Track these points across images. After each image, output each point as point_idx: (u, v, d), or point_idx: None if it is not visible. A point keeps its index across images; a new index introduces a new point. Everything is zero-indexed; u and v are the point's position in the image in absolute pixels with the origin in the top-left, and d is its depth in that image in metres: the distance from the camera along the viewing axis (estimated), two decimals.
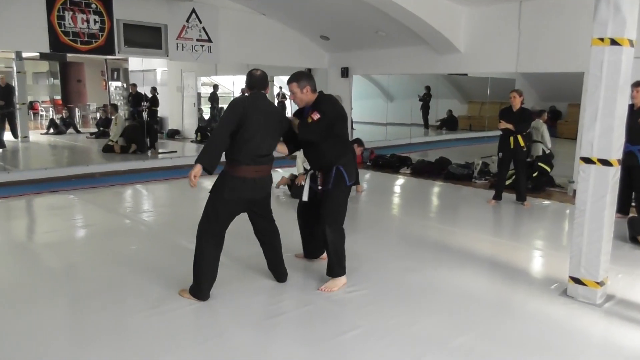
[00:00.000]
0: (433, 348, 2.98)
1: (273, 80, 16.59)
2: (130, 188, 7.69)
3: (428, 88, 13.99)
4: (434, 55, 9.03)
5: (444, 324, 3.31)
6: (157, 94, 13.15)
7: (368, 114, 14.30)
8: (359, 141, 8.30)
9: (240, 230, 5.42)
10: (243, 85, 15.25)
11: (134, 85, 13.78)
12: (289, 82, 3.83)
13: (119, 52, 8.12)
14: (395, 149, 11.18)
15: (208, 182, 8.13)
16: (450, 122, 15.15)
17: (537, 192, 7.48)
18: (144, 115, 13.25)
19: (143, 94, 13.36)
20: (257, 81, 3.72)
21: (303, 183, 6.85)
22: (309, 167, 6.87)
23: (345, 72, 10.73)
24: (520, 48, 7.86)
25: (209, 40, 9.10)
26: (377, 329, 3.20)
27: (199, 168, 3.45)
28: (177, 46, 8.72)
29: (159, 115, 14.78)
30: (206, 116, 15.08)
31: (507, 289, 3.93)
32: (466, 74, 12.08)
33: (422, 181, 8.63)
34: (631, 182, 5.95)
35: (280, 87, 16.66)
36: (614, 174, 3.57)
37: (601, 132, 3.53)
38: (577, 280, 3.74)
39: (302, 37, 10.53)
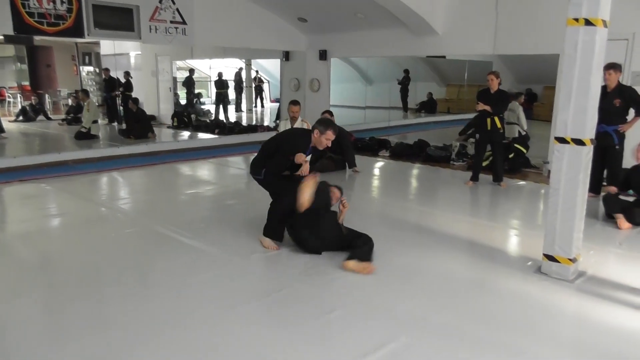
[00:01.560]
0: (413, 328, 3.01)
1: (250, 64, 16.41)
2: (105, 175, 7.55)
3: (407, 71, 14.00)
4: (412, 38, 9.01)
5: (424, 304, 3.34)
6: (131, 78, 12.86)
7: (347, 97, 14.26)
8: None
9: (224, 219, 5.43)
10: (220, 69, 15.14)
11: (107, 70, 13.49)
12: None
13: (88, 35, 7.89)
14: (374, 132, 11.19)
15: (186, 168, 8.04)
16: (429, 105, 15.21)
17: (513, 173, 7.58)
18: (117, 101, 13.03)
19: (116, 78, 13.08)
20: None
21: None
22: None
23: (323, 55, 10.65)
24: (497, 30, 7.90)
25: (184, 22, 8.92)
26: (358, 310, 3.23)
27: None
28: (150, 28, 8.52)
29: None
30: (183, 101, 14.86)
31: (485, 268, 3.99)
32: (444, 57, 12.11)
33: (401, 164, 8.67)
34: (605, 162, 6.05)
35: (257, 71, 16.48)
36: (587, 153, 3.64)
37: (575, 112, 3.58)
38: (550, 258, 3.81)
39: (279, 20, 10.39)
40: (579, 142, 3.59)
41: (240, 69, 15.26)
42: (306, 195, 4.04)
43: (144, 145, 9.47)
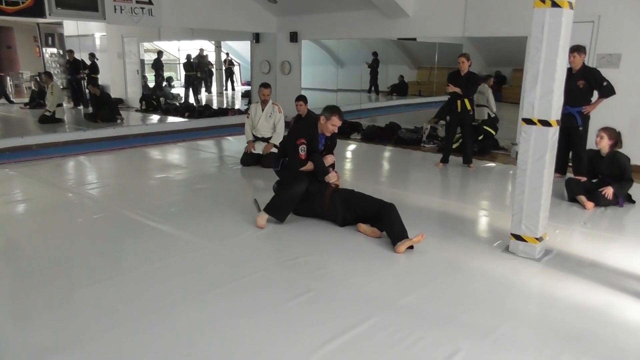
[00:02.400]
0: (382, 307, 3.04)
1: (220, 46, 16.13)
2: (71, 160, 7.35)
3: (375, 54, 13.98)
4: (383, 20, 8.99)
5: (393, 284, 3.38)
6: (97, 60, 12.50)
7: (319, 80, 14.18)
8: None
9: (194, 203, 5.37)
10: (189, 51, 14.84)
11: (71, 52, 13.06)
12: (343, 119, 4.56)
13: (50, 15, 7.62)
14: (346, 115, 11.15)
15: (155, 152, 7.86)
16: (400, 88, 15.26)
17: (482, 155, 7.69)
18: (83, 84, 12.66)
19: (81, 60, 12.69)
20: None
21: (253, 150, 6.81)
22: (258, 135, 6.82)
23: (294, 37, 10.54)
24: (467, 12, 7.94)
25: (150, 3, 8.69)
26: (328, 291, 3.24)
27: None
28: (115, 9, 8.28)
29: (100, 83, 14.16)
30: (151, 84, 14.54)
31: (453, 249, 4.04)
32: (415, 39, 12.12)
33: (372, 146, 8.71)
34: (569, 143, 6.18)
35: (227, 54, 16.21)
36: (553, 134, 3.70)
37: (542, 94, 3.63)
38: (518, 237, 3.89)
39: (249, 1, 10.22)
40: (546, 123, 3.66)
41: (201, 49, 14.91)
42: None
43: (111, 129, 9.27)
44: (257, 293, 3.20)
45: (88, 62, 12.69)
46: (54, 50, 14.91)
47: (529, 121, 3.72)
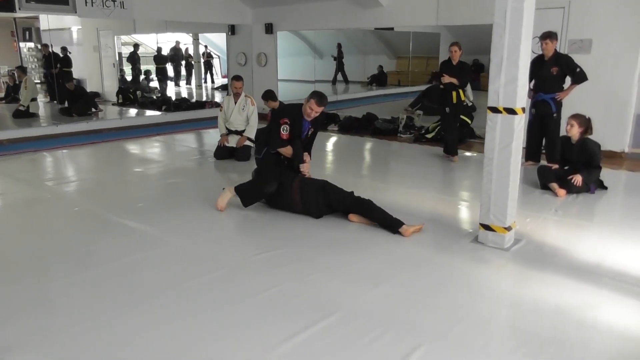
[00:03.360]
0: (345, 303, 2.98)
1: (198, 39, 15.92)
2: (43, 155, 7.19)
3: (339, 45, 13.93)
4: (358, 10, 8.92)
5: (359, 278, 3.32)
6: (69, 53, 12.26)
7: (297, 71, 14.08)
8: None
9: (168, 198, 5.26)
10: (168, 43, 14.64)
11: (45, 46, 12.82)
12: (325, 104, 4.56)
13: (20, 9, 7.46)
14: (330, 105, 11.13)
15: (130, 146, 7.69)
16: (379, 78, 15.21)
17: (458, 144, 7.66)
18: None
19: (54, 54, 12.44)
20: None
21: (227, 143, 6.72)
22: (232, 128, 6.73)
23: (269, 29, 10.42)
24: (440, 1, 7.89)
25: None
26: (292, 287, 3.18)
27: None
28: (86, 2, 8.09)
29: (76, 77, 13.92)
30: (129, 78, 14.31)
31: (425, 241, 4.00)
32: (392, 29, 12.08)
33: (349, 137, 8.67)
34: (543, 130, 6.19)
35: (206, 46, 16.01)
36: (519, 122, 3.67)
37: (506, 82, 3.59)
38: (486, 227, 3.88)
39: None
40: (511, 111, 3.62)
41: (177, 42, 14.74)
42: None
43: (84, 123, 9.09)
44: (217, 291, 3.13)
45: (61, 56, 12.39)
46: (32, 44, 14.66)
47: (494, 109, 3.69)
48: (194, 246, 3.86)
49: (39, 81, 13.26)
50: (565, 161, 5.44)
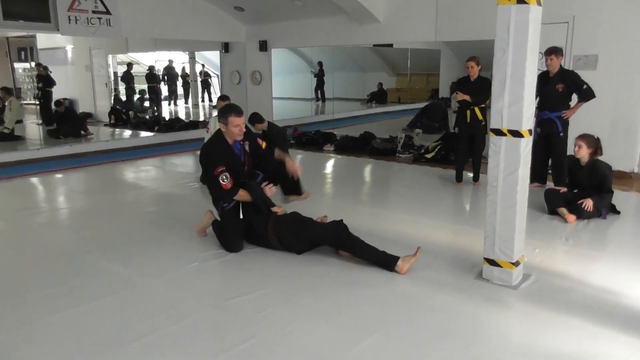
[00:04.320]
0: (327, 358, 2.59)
1: (194, 57, 15.69)
2: (16, 182, 6.81)
3: (320, 64, 13.67)
4: (354, 26, 8.63)
5: (345, 328, 2.91)
6: (50, 72, 11.97)
7: (295, 89, 13.83)
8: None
9: (140, 230, 4.83)
10: (164, 62, 14.43)
11: (38, 65, 12.60)
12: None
13: None
14: (324, 124, 10.83)
15: (111, 171, 7.31)
16: (379, 96, 14.93)
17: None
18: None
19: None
20: None
21: None
22: None
23: (263, 46, 10.13)
24: (438, 16, 7.59)
25: (108, 12, 8.23)
26: (268, 340, 2.77)
27: None
28: (70, 19, 7.80)
29: (67, 97, 13.65)
30: (123, 97, 14.04)
31: (424, 277, 3.59)
32: (391, 45, 11.82)
33: (346, 158, 8.29)
34: (550, 150, 5.82)
35: (203, 65, 15.77)
36: (525, 145, 3.29)
37: (510, 102, 3.23)
38: (491, 262, 3.48)
39: (215, 9, 9.80)
40: (516, 133, 3.26)
41: (170, 61, 14.54)
42: None
43: (68, 146, 8.72)
44: (183, 345, 2.73)
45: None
46: (27, 65, 14.41)
47: (497, 132, 3.32)
48: (162, 288, 3.45)
49: (33, 102, 13.01)
50: (575, 184, 5.06)
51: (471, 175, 6.34)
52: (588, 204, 4.68)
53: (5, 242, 4.48)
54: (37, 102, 12.72)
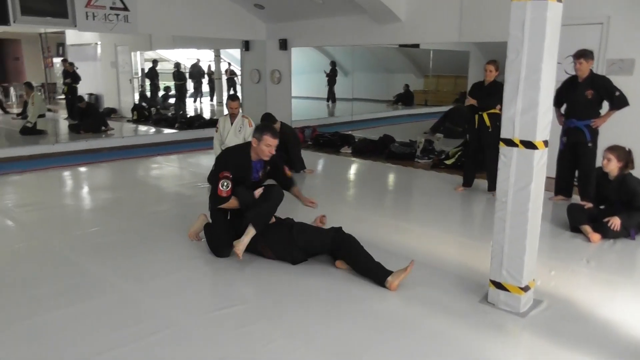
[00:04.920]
0: None
1: (219, 55, 15.64)
2: (27, 176, 6.74)
3: (333, 64, 13.44)
4: (374, 25, 8.31)
5: (332, 350, 2.64)
6: (77, 68, 12.06)
7: (317, 88, 13.61)
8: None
9: (140, 231, 4.64)
10: (195, 60, 14.48)
11: (65, 61, 12.78)
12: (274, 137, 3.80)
13: (14, 22, 7.12)
14: (345, 126, 10.57)
15: (121, 167, 7.18)
16: (405, 97, 14.56)
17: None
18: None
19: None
20: None
21: None
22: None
23: (283, 45, 9.90)
24: (462, 16, 7.21)
25: (125, 9, 8.14)
26: (248, 358, 2.54)
27: None
28: (87, 15, 7.74)
29: (94, 92, 13.78)
30: (149, 94, 14.08)
31: (421, 295, 3.29)
32: (418, 46, 11.46)
33: (362, 162, 7.98)
34: (576, 161, 5.40)
35: (229, 63, 15.70)
36: (540, 158, 2.95)
37: (524, 108, 2.90)
38: (498, 285, 3.15)
39: (236, 6, 9.63)
40: (530, 145, 2.91)
41: (198, 59, 14.56)
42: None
43: (83, 142, 8.68)
44: (164, 354, 2.52)
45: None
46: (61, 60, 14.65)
47: (508, 142, 2.99)
48: (146, 296, 3.25)
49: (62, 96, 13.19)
50: (601, 199, 4.65)
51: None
52: (615, 222, 4.27)
53: (5, 238, 4.35)
54: (64, 98, 12.92)
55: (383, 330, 2.86)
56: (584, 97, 5.18)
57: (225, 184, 3.68)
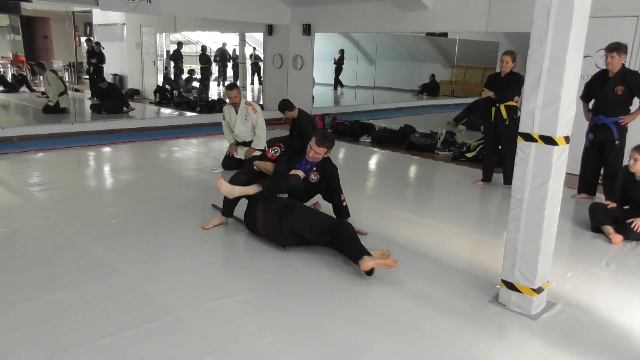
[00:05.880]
0: None
1: (244, 39, 15.55)
2: (44, 154, 6.79)
3: (342, 51, 13.17)
4: (401, 12, 8.13)
5: (323, 349, 2.56)
6: (103, 48, 12.12)
7: (344, 76, 13.43)
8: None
9: (149, 215, 4.63)
10: (219, 44, 14.45)
11: (89, 41, 12.88)
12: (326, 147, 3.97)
13: (32, 0, 7.16)
14: (371, 114, 10.43)
15: (138, 149, 7.20)
16: (431, 87, 14.30)
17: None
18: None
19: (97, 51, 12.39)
20: None
21: (235, 154, 6.12)
22: (239, 140, 6.11)
23: (307, 30, 9.77)
24: (491, 5, 6.98)
25: None
26: (232, 354, 2.47)
27: None
28: None
29: (118, 72, 13.88)
30: (172, 76, 14.11)
31: (429, 293, 3.20)
32: (446, 35, 11.22)
33: (381, 152, 7.85)
34: (601, 159, 5.19)
35: (254, 48, 15.61)
36: (560, 155, 2.80)
37: (545, 102, 2.75)
38: (510, 285, 3.03)
39: None
40: (549, 140, 2.77)
41: (224, 43, 14.51)
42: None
43: (102, 122, 8.73)
44: (137, 353, 2.46)
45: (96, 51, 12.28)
46: (90, 39, 14.76)
47: (527, 136, 2.84)
48: (145, 281, 3.22)
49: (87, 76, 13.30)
50: (626, 200, 4.45)
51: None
52: (639, 224, 4.08)
53: (9, 219, 4.36)
54: (88, 77, 13.03)
55: (383, 330, 2.75)
56: (613, 93, 4.95)
57: (275, 150, 4.06)
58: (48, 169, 6.20)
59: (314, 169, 4.05)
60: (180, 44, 14.19)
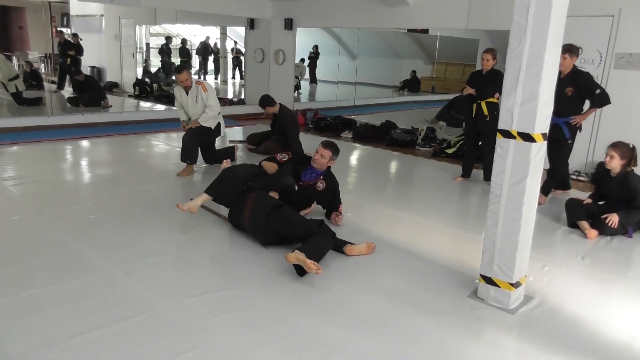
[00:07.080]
0: None
1: (225, 33, 15.41)
2: (18, 148, 6.65)
3: (316, 47, 13.19)
4: (383, 8, 8.15)
5: (300, 347, 2.56)
6: (81, 40, 11.90)
7: (327, 72, 13.41)
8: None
9: (129, 209, 4.57)
10: (203, 38, 14.29)
11: (61, 32, 12.63)
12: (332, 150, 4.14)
13: None
14: (350, 110, 10.43)
15: (112, 143, 7.06)
16: (412, 84, 14.36)
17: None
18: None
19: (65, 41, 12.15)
20: None
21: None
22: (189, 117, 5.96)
23: (289, 24, 9.73)
24: (472, 2, 7.04)
25: None
26: (213, 351, 2.46)
27: None
28: None
29: (96, 65, 13.66)
30: (154, 70, 13.90)
31: (406, 288, 3.23)
32: (427, 32, 11.25)
33: (362, 148, 7.88)
34: (550, 155, 5.16)
35: (235, 42, 15.49)
36: (538, 151, 2.85)
37: (524, 99, 2.79)
38: (488, 280, 3.07)
39: None
40: (527, 137, 2.81)
41: (207, 37, 14.38)
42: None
43: (79, 115, 8.56)
44: (121, 350, 2.44)
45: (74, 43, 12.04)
46: (68, 30, 14.48)
47: (506, 133, 2.88)
48: (124, 277, 3.18)
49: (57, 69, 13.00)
50: (601, 196, 4.55)
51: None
52: (613, 219, 4.17)
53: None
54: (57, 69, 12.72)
55: (360, 327, 2.74)
56: (564, 94, 4.92)
57: (284, 155, 4.32)
58: (23, 162, 6.07)
59: (321, 177, 4.16)
60: (169, 38, 14.00)
